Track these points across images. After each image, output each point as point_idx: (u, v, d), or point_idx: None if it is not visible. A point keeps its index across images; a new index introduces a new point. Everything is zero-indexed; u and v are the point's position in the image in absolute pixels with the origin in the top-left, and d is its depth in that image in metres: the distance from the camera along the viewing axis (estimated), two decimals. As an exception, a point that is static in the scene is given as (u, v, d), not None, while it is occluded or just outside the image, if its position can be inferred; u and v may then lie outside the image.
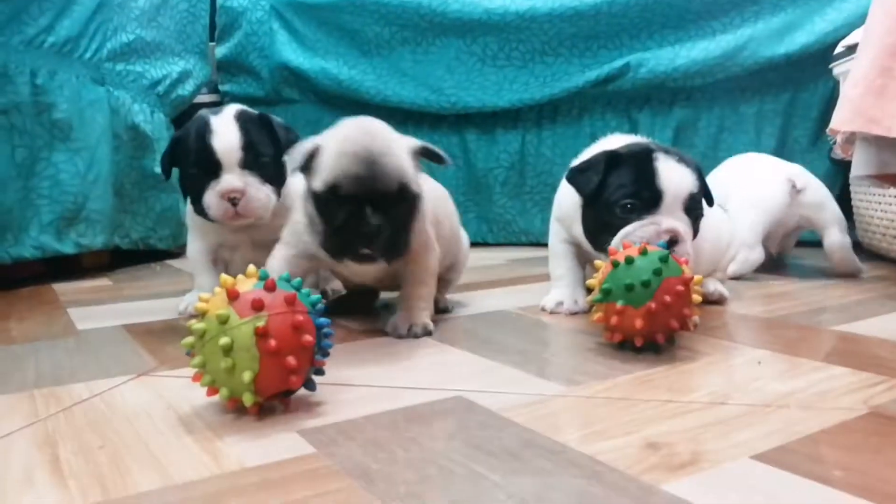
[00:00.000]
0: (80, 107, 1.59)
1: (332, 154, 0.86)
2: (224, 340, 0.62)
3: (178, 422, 0.66)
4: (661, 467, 0.53)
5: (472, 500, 0.49)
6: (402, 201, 0.87)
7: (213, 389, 0.65)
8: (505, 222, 2.11)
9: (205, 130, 1.05)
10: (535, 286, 1.38)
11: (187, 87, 2.02)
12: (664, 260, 0.81)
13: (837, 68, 1.66)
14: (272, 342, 0.62)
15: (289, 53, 2.14)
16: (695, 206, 0.98)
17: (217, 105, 2.23)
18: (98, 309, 1.25)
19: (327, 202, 0.86)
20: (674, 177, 0.96)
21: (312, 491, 0.51)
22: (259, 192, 1.06)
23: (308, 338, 0.64)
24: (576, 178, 1.03)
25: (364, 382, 0.76)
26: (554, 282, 1.16)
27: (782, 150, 1.92)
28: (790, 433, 0.60)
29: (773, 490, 0.50)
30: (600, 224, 1.00)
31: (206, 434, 0.62)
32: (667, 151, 0.99)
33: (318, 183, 0.86)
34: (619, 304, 0.81)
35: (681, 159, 0.98)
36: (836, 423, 0.62)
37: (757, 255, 1.47)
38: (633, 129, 2.00)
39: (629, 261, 0.82)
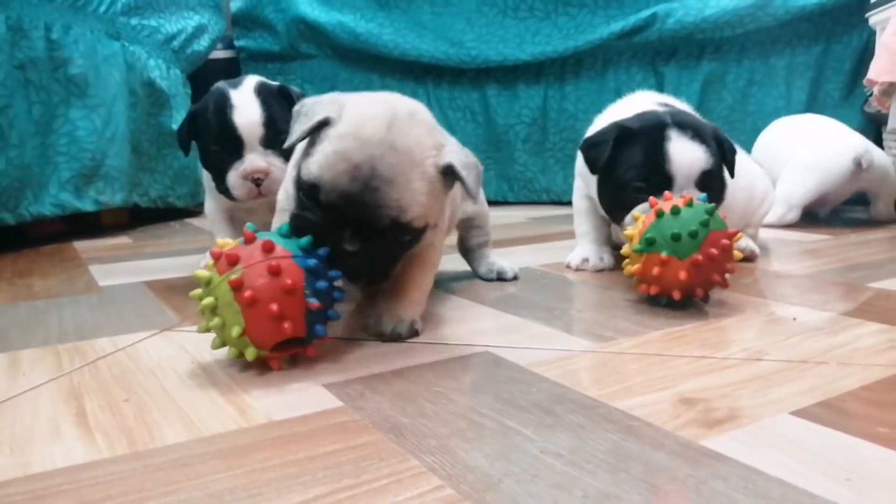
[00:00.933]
0: (96, 62, 1.56)
1: (334, 143, 0.67)
2: (207, 301, 0.62)
3: (204, 376, 0.65)
4: (697, 423, 0.52)
5: (504, 453, 0.47)
6: (395, 236, 0.69)
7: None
8: (526, 180, 2.08)
9: (225, 105, 1.01)
10: (558, 244, 1.35)
11: (203, 43, 1.98)
12: (710, 212, 0.79)
13: (874, 17, 1.60)
14: (247, 293, 0.61)
15: (305, 7, 2.10)
16: (710, 183, 0.94)
17: (232, 62, 2.21)
18: (119, 266, 1.24)
19: (307, 196, 0.68)
20: (685, 157, 0.92)
21: (342, 444, 0.50)
22: (282, 173, 1.02)
23: (288, 281, 0.61)
24: (588, 151, 1.00)
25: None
26: (578, 239, 1.14)
27: (813, 104, 1.86)
28: (830, 389, 0.58)
29: (816, 447, 0.48)
30: (613, 200, 0.98)
31: (231, 388, 0.62)
32: (681, 125, 0.94)
33: (305, 167, 0.68)
34: (663, 255, 0.78)
35: (696, 134, 0.94)
36: (876, 379, 0.60)
37: (793, 216, 1.46)
38: (660, 83, 1.95)
39: (675, 211, 0.80)
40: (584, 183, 1.13)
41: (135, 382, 0.64)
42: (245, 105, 1.01)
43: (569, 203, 1.95)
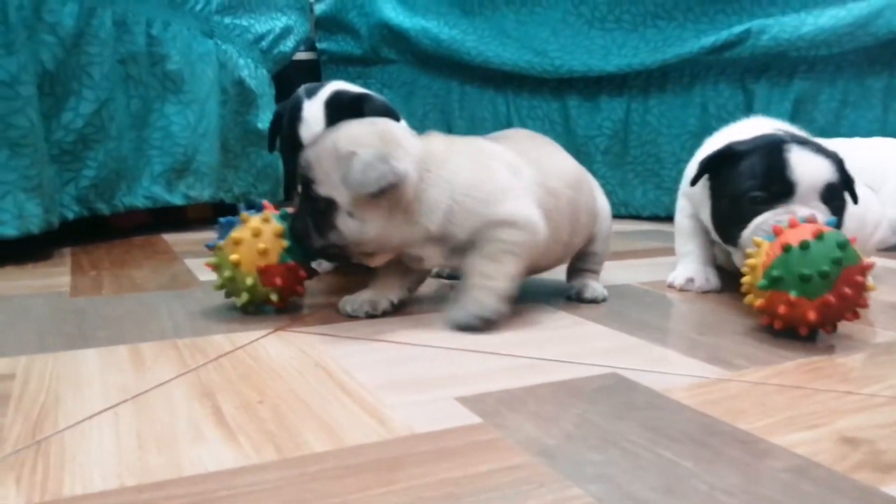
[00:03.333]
0: (191, 59, 1.59)
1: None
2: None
3: (330, 380, 0.64)
4: (869, 466, 0.49)
5: (672, 488, 0.45)
6: (312, 200, 0.82)
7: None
8: (605, 193, 2.04)
9: (296, 116, 1.04)
10: (649, 260, 1.32)
11: (288, 44, 2.00)
12: (843, 247, 0.73)
13: None
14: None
15: (389, 11, 2.11)
16: (834, 197, 0.90)
17: (313, 64, 2.23)
18: (212, 261, 1.25)
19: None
20: (809, 166, 0.88)
21: (495, 464, 0.48)
22: None
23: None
24: (705, 166, 0.97)
25: (508, 351, 0.74)
26: (680, 258, 1.11)
27: (911, 128, 1.79)
28: None
29: None
30: (730, 216, 0.93)
31: (362, 394, 0.61)
32: (803, 143, 0.91)
33: None
34: (792, 296, 0.74)
35: (819, 150, 0.90)
36: None
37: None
38: (748, 101, 1.90)
39: (804, 246, 0.73)
40: (689, 202, 1.09)
41: (262, 383, 0.63)
42: (312, 119, 1.03)
43: (648, 218, 1.91)
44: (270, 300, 0.86)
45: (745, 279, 0.80)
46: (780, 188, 0.88)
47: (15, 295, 0.98)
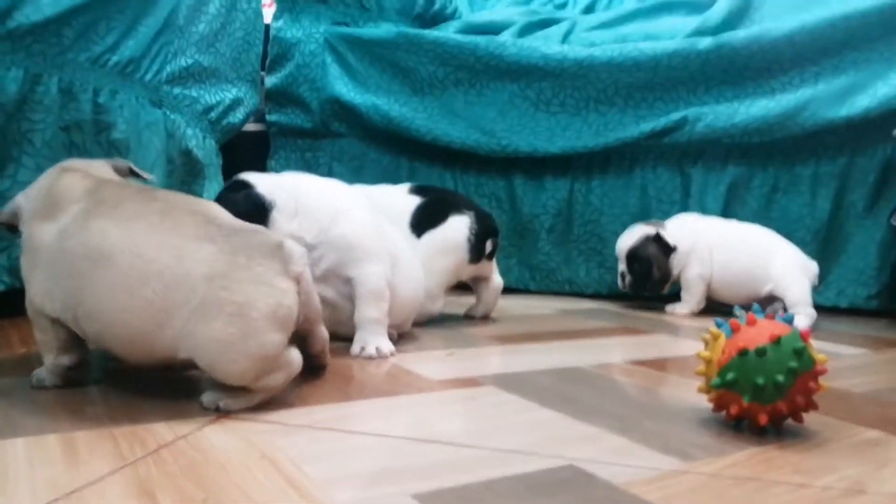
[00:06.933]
0: (139, 128, 1.57)
1: None
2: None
3: (277, 473, 0.61)
4: (830, 567, 0.48)
5: None
6: None
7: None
8: (549, 270, 2.07)
9: None
10: (599, 341, 1.33)
11: (238, 115, 2.00)
12: (799, 353, 0.73)
13: (904, 135, 1.63)
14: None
15: (340, 87, 2.13)
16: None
17: (262, 135, 2.23)
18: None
19: None
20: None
21: (457, 572, 0.46)
22: None
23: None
24: None
25: (463, 441, 0.72)
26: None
27: (837, 214, 1.89)
28: (951, 532, 0.55)
29: None
30: None
31: (311, 490, 0.58)
32: None
33: None
34: (744, 401, 0.74)
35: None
36: None
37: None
38: (686, 184, 1.98)
39: (760, 352, 0.73)
40: None
41: (206, 479, 0.60)
42: None
43: (591, 296, 1.94)
44: None
45: (698, 370, 0.81)
46: None
47: (-67, 375, 0.92)
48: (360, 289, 1.11)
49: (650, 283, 1.76)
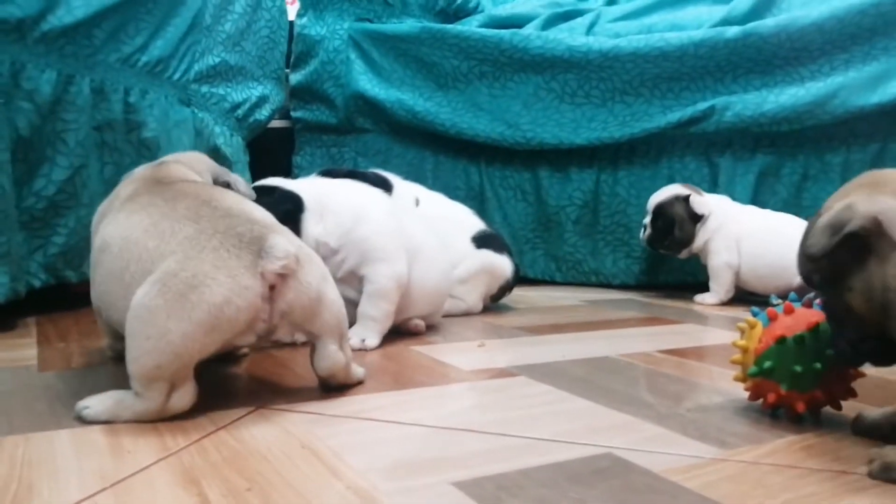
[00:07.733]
0: (168, 127, 1.59)
1: None
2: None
3: (320, 464, 0.62)
4: (876, 553, 0.48)
5: (686, 580, 0.44)
6: None
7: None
8: (575, 261, 2.07)
9: None
10: (628, 331, 1.33)
11: (264, 112, 2.02)
12: None
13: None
14: None
15: (364, 83, 2.14)
16: None
17: (288, 132, 2.24)
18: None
19: None
20: None
21: (502, 557, 0.46)
22: None
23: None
24: None
25: (500, 430, 0.72)
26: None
27: (869, 202, 1.86)
28: None
29: None
30: None
31: (354, 479, 0.58)
32: None
33: None
34: (782, 389, 0.74)
35: None
36: None
37: None
38: (714, 173, 1.96)
39: (799, 340, 0.73)
40: None
41: (249, 468, 0.61)
42: None
43: (618, 287, 1.93)
44: None
45: (735, 358, 0.80)
46: None
47: (-22, 369, 0.94)
48: (367, 286, 1.13)
49: (669, 241, 1.77)
